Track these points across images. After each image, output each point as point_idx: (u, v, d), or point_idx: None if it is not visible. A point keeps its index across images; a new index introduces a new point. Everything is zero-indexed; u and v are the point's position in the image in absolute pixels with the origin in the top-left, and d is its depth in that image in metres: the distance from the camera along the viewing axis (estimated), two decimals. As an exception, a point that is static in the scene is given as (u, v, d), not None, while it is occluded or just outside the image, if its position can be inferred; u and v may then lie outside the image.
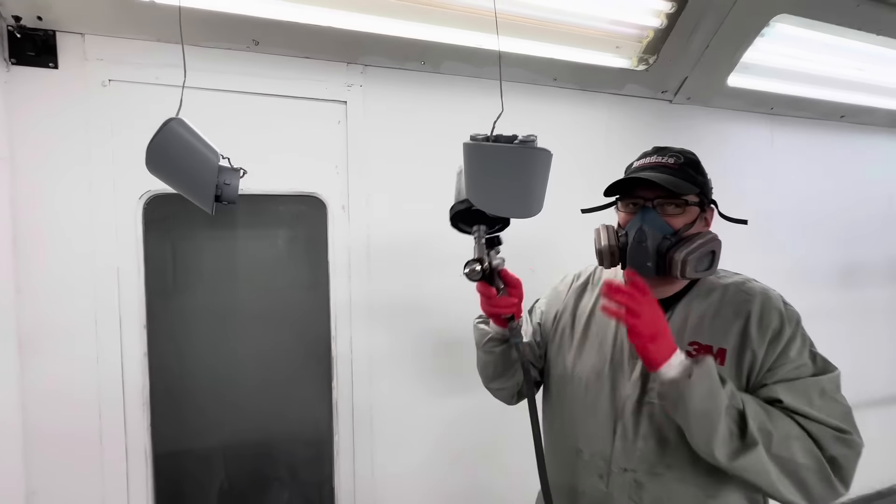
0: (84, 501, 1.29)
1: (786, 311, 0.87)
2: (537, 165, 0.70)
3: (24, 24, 1.17)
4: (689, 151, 0.98)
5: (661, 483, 0.87)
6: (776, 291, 0.92)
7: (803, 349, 0.85)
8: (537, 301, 1.19)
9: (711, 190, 0.98)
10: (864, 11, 1.77)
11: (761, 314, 0.87)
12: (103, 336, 1.29)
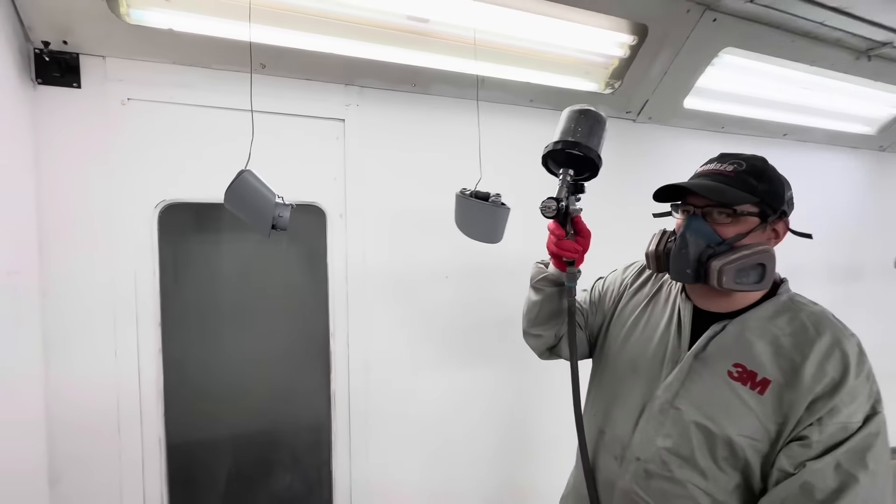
0: (103, 487, 1.40)
1: (856, 361, 0.78)
2: (500, 216, 1.00)
3: (52, 47, 1.28)
4: (758, 158, 0.94)
5: (668, 481, 0.88)
6: (857, 337, 0.83)
7: (858, 411, 0.76)
8: (599, 279, 1.21)
9: (787, 201, 0.92)
10: (799, 46, 2.03)
11: (824, 353, 0.80)
12: (121, 333, 1.40)
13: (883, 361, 2.38)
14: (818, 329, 0.83)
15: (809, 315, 0.86)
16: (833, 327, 0.84)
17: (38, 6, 1.21)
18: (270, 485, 1.65)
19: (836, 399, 0.76)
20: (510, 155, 1.86)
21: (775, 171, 0.94)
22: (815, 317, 0.86)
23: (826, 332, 0.82)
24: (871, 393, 0.78)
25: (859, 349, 0.81)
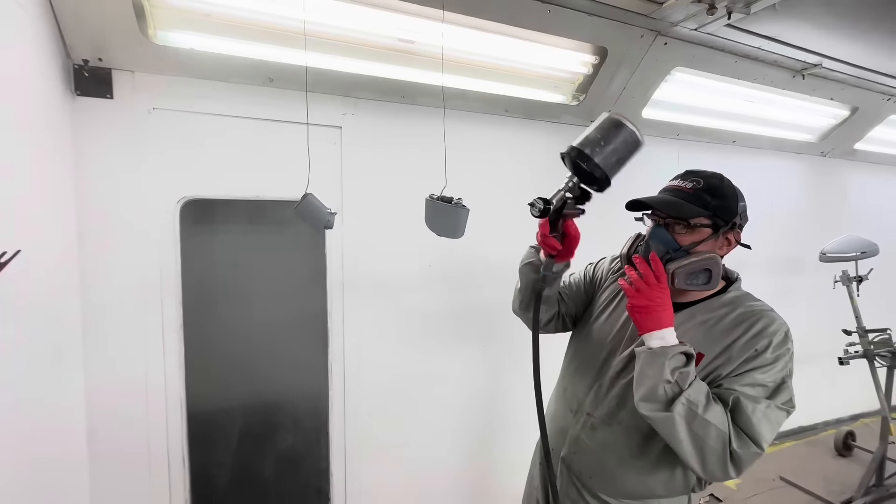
0: (133, 443, 1.64)
1: (778, 342, 0.94)
2: (461, 215, 1.17)
3: (89, 64, 1.48)
4: (715, 176, 1.05)
5: (611, 431, 1.08)
6: (787, 326, 0.98)
7: (774, 376, 0.93)
8: (589, 264, 1.34)
9: (739, 213, 1.03)
10: (741, 66, 2.32)
11: (753, 336, 0.95)
12: (149, 311, 1.63)
13: (813, 339, 2.73)
14: (753, 318, 0.98)
15: (748, 307, 1.01)
16: (766, 318, 0.98)
17: (79, 29, 1.41)
18: (275, 444, 1.90)
19: (755, 364, 0.93)
20: (486, 157, 2.12)
21: (731, 186, 1.05)
22: (753, 309, 1.00)
23: (759, 321, 0.97)
24: (784, 369, 0.95)
25: (784, 336, 0.96)
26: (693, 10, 1.81)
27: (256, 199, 1.78)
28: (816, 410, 3.51)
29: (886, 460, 2.65)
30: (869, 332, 2.57)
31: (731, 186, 1.05)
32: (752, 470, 2.90)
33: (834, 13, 1.86)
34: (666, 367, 0.91)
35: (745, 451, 0.90)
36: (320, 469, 1.94)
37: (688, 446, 0.90)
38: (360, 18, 1.64)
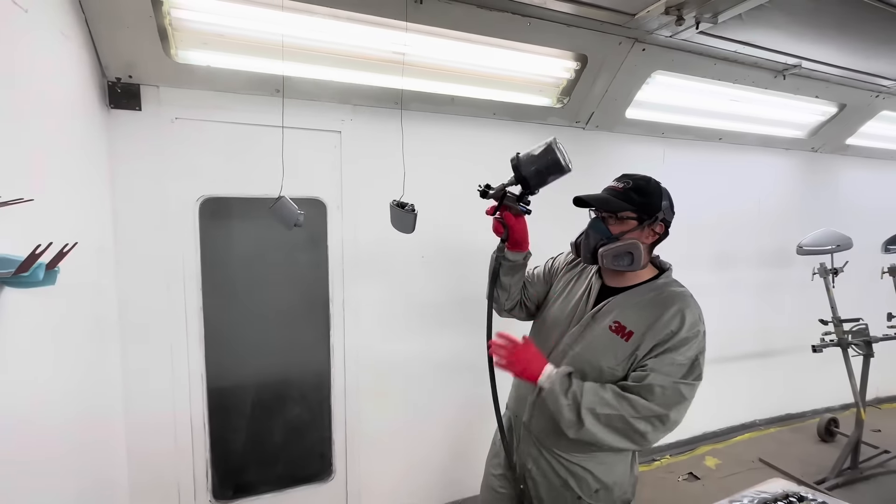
0: (161, 409, 1.89)
1: (690, 323, 1.14)
2: (409, 217, 1.42)
3: (121, 81, 1.71)
4: (643, 178, 1.24)
5: (554, 434, 1.27)
6: (699, 310, 1.19)
7: (686, 353, 1.13)
8: (550, 259, 1.53)
9: (664, 209, 1.21)
10: (721, 68, 2.43)
11: (671, 317, 1.14)
12: (173, 295, 1.87)
13: (800, 330, 2.84)
14: (672, 301, 1.18)
15: (670, 293, 1.21)
16: (682, 302, 1.18)
17: (112, 51, 1.63)
18: (284, 414, 2.14)
19: (670, 344, 1.14)
20: (476, 157, 2.29)
21: (657, 187, 1.24)
22: (674, 294, 1.21)
23: (676, 303, 1.17)
24: (695, 347, 1.15)
25: (696, 318, 1.17)
26: (664, 21, 1.95)
27: (265, 197, 2.00)
28: (803, 399, 3.63)
29: (861, 444, 2.78)
30: (844, 322, 2.68)
31: (658, 188, 1.25)
32: (734, 452, 3.06)
33: (798, 22, 1.98)
34: (560, 396, 1.14)
35: (659, 421, 1.13)
36: (323, 437, 2.18)
37: (612, 438, 1.14)
38: (357, 34, 1.83)
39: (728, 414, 3.31)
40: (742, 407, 3.37)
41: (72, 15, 1.42)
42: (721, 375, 3.24)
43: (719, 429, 3.27)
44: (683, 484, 2.70)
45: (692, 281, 3.23)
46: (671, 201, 1.26)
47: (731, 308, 3.21)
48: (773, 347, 3.41)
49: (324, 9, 1.70)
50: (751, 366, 3.35)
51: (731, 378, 3.26)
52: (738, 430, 3.34)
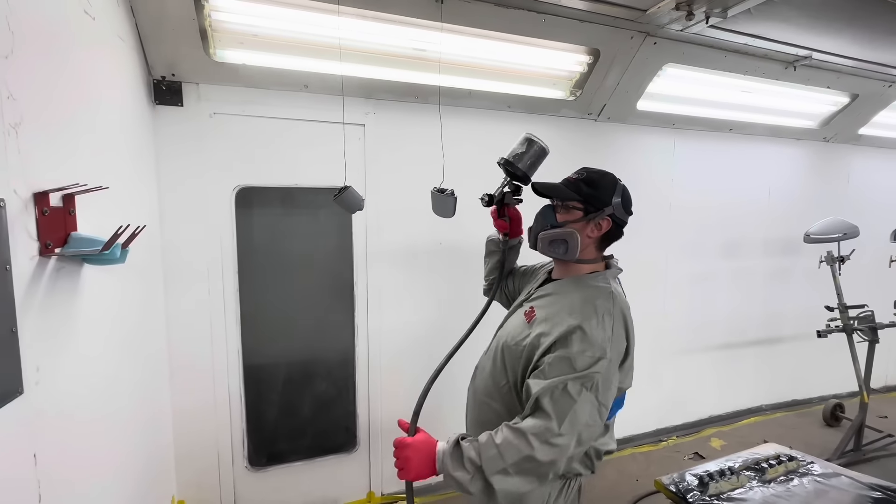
0: (202, 381, 2.06)
1: (588, 325, 1.05)
2: (449, 202, 1.46)
3: (166, 79, 1.85)
4: (597, 172, 1.22)
5: (480, 408, 1.29)
6: (616, 309, 1.10)
7: (583, 353, 1.02)
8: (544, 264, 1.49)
9: (613, 206, 1.17)
10: (732, 60, 2.49)
11: (577, 310, 1.08)
12: (212, 277, 2.03)
13: (809, 318, 2.92)
14: (588, 297, 1.12)
15: (592, 287, 1.15)
16: (599, 297, 1.11)
17: (158, 52, 1.77)
18: (312, 389, 2.30)
19: (562, 342, 1.05)
20: (493, 149, 2.39)
21: (611, 183, 1.20)
22: (594, 289, 1.14)
23: (591, 299, 1.10)
24: (603, 342, 1.05)
25: (608, 315, 1.08)
26: (675, 16, 2.02)
27: (295, 187, 2.14)
28: (810, 385, 3.70)
29: (865, 427, 2.86)
30: (849, 309, 2.75)
31: (612, 183, 1.21)
32: (739, 434, 3.17)
33: (807, 15, 2.04)
34: (460, 474, 1.01)
35: (545, 451, 1.00)
36: (348, 411, 2.34)
37: (528, 484, 1.02)
38: (379, 32, 1.95)
39: (734, 398, 3.41)
40: (748, 392, 3.46)
41: (126, 20, 1.56)
42: (728, 361, 3.34)
43: (725, 412, 3.37)
44: (689, 462, 2.82)
45: (701, 268, 3.34)
46: (627, 200, 1.22)
47: (739, 295, 3.29)
48: (781, 334, 3.48)
49: (350, 9, 1.81)
50: (758, 352, 3.43)
51: (737, 363, 3.36)
52: (743, 414, 3.43)
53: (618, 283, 1.23)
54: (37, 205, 0.92)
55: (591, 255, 1.23)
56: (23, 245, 0.87)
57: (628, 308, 1.16)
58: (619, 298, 1.15)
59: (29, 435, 0.87)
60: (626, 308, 1.15)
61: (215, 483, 2.13)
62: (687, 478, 1.66)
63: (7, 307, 0.81)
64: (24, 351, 0.85)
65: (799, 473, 1.63)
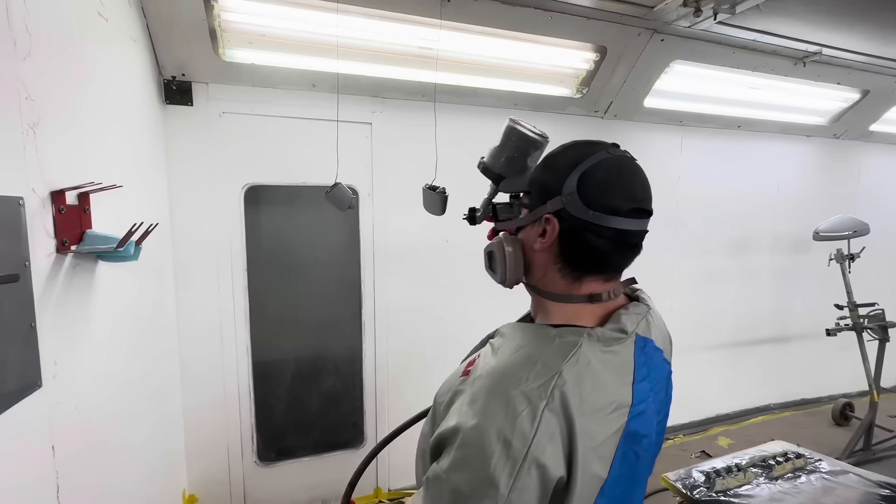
0: (212, 376, 2.09)
1: (479, 432, 0.59)
2: (437, 200, 1.41)
3: (176, 79, 1.88)
4: (561, 147, 0.79)
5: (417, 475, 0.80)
6: (539, 413, 0.58)
7: (444, 480, 0.59)
8: None
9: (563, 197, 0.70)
10: (740, 56, 2.48)
11: (474, 401, 0.63)
12: (221, 274, 2.06)
13: (819, 316, 2.90)
14: (514, 370, 0.64)
15: (539, 350, 0.66)
16: (533, 375, 0.62)
17: (168, 52, 1.80)
18: (319, 385, 2.33)
19: (451, 448, 0.61)
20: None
21: (569, 159, 0.72)
22: (539, 353, 0.65)
23: (514, 377, 0.63)
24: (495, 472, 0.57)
25: (529, 419, 0.58)
26: (683, 12, 2.01)
27: (303, 185, 2.16)
28: (819, 384, 3.67)
29: (874, 427, 2.83)
30: (859, 307, 2.72)
31: (569, 160, 0.72)
32: (747, 433, 3.15)
33: (817, 10, 2.02)
34: None
35: None
36: (355, 407, 2.36)
37: None
38: (386, 31, 1.96)
39: (742, 397, 3.39)
40: (756, 390, 3.44)
41: (138, 21, 1.58)
42: (735, 359, 3.32)
43: (733, 411, 3.35)
44: (696, 460, 2.81)
45: (709, 266, 3.33)
46: (594, 186, 0.69)
47: (747, 292, 3.27)
48: (790, 332, 3.46)
49: (358, 8, 1.82)
50: (766, 350, 3.41)
51: (745, 361, 3.34)
52: (751, 413, 3.41)
53: (621, 353, 0.67)
54: (54, 203, 0.94)
55: (553, 285, 0.75)
56: (41, 242, 0.90)
57: (616, 408, 0.64)
58: (587, 387, 0.62)
59: (47, 427, 0.90)
60: (596, 409, 0.62)
61: (225, 477, 2.16)
62: (694, 474, 1.66)
63: (26, 303, 0.84)
64: (43, 345, 0.88)
65: (806, 470, 1.63)
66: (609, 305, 0.74)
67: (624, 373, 0.67)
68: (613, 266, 0.74)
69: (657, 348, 0.73)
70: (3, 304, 0.77)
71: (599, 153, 0.71)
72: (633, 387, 0.67)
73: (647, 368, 0.70)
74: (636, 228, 0.71)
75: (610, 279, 0.75)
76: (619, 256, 0.73)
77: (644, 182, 0.73)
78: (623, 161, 0.73)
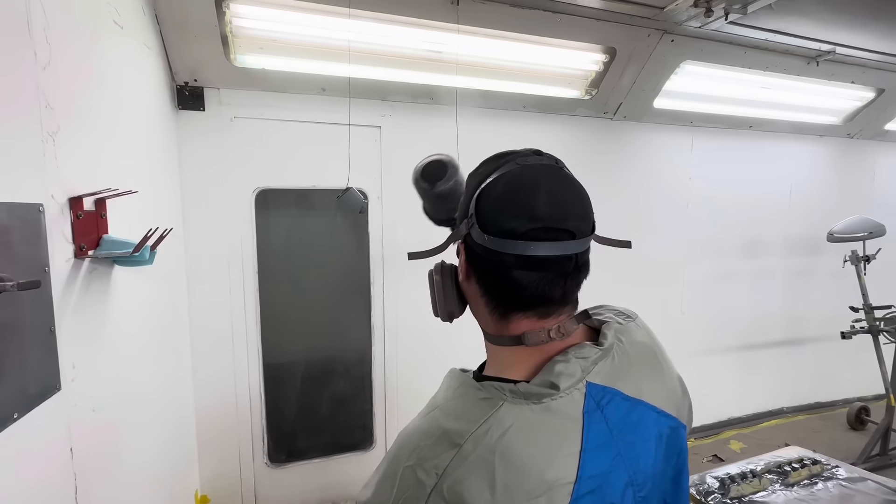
0: (223, 376, 2.11)
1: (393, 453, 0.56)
2: None
3: (188, 85, 1.90)
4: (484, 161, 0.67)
5: None
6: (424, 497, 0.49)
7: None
8: None
9: (468, 217, 0.61)
10: (752, 56, 2.45)
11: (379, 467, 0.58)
12: (232, 276, 2.07)
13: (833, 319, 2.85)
14: (415, 438, 0.56)
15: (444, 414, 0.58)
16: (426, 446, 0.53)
17: (181, 58, 1.82)
18: (329, 387, 2.34)
19: None
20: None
21: (476, 177, 0.63)
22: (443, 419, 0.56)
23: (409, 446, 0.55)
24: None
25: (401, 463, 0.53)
26: (693, 13, 2.00)
27: (313, 188, 2.18)
28: (834, 387, 3.61)
29: (892, 431, 2.78)
30: (875, 309, 2.68)
31: (476, 178, 0.63)
32: (760, 437, 3.11)
33: (830, 9, 1.99)
34: None
35: None
36: (364, 409, 2.37)
37: None
38: (395, 35, 1.96)
39: (754, 400, 3.35)
40: (769, 393, 3.39)
41: (151, 29, 1.61)
42: (748, 362, 3.28)
43: (745, 415, 3.31)
44: (707, 464, 2.78)
45: (720, 267, 3.30)
46: (485, 204, 0.59)
47: (760, 294, 3.23)
48: (803, 335, 3.41)
49: (368, 13, 1.84)
50: (779, 353, 3.36)
51: (758, 364, 3.29)
52: (764, 417, 3.36)
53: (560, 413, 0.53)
54: (72, 209, 0.96)
55: (485, 322, 0.67)
56: (59, 248, 0.91)
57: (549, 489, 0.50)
58: (500, 465, 0.49)
59: (66, 429, 0.91)
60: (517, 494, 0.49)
61: (236, 478, 2.18)
62: (707, 480, 1.64)
63: (46, 308, 0.85)
64: (62, 349, 0.89)
65: (823, 477, 1.60)
66: (548, 349, 0.58)
67: (565, 439, 0.52)
68: (539, 300, 0.58)
69: (631, 400, 0.57)
70: (25, 309, 0.79)
71: (506, 166, 0.59)
72: (581, 456, 0.51)
73: (606, 428, 0.54)
74: (545, 254, 0.55)
75: (546, 316, 0.59)
76: (541, 287, 0.57)
77: (559, 195, 0.57)
78: (528, 171, 0.58)
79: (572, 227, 0.57)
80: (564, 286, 0.58)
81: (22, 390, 0.78)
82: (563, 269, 0.57)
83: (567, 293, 0.60)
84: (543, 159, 0.61)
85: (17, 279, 0.68)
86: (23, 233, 0.79)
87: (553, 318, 0.60)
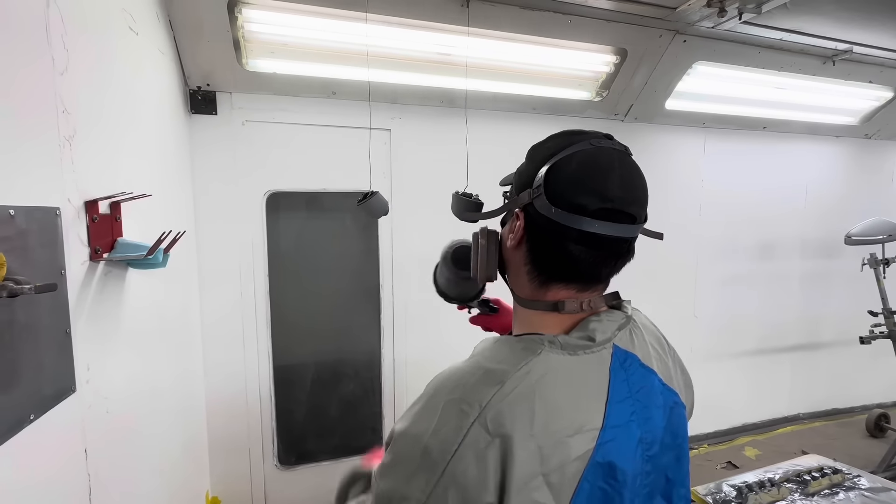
0: (233, 379, 2.12)
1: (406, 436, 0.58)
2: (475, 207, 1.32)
3: (201, 89, 1.92)
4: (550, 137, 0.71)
5: None
6: (464, 423, 0.53)
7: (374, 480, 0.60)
8: None
9: (535, 186, 0.64)
10: (766, 56, 2.41)
11: (413, 406, 0.62)
12: (244, 280, 2.09)
13: (852, 323, 2.79)
14: (461, 375, 0.60)
15: (488, 357, 0.61)
16: (471, 382, 0.57)
17: (194, 62, 1.84)
18: (339, 390, 2.34)
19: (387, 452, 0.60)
20: (517, 151, 2.39)
21: (546, 150, 0.65)
22: (488, 360, 0.60)
23: (453, 380, 0.60)
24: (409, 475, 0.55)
25: (454, 427, 0.54)
26: (706, 13, 1.97)
27: (324, 191, 2.19)
28: (852, 393, 3.53)
29: (913, 439, 2.71)
30: (895, 314, 2.61)
31: (546, 151, 0.65)
32: (775, 443, 3.05)
33: (846, 7, 1.95)
34: None
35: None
36: (374, 412, 2.37)
37: None
38: (406, 38, 1.97)
39: (769, 406, 3.28)
40: (784, 399, 3.32)
41: (165, 34, 1.63)
42: (763, 366, 3.22)
43: (760, 420, 3.25)
44: (721, 471, 2.73)
45: (734, 270, 3.25)
46: (565, 178, 0.61)
47: (775, 298, 3.17)
48: (820, 340, 3.34)
49: (378, 16, 1.84)
50: (795, 357, 3.29)
51: (773, 369, 3.23)
52: (780, 423, 3.30)
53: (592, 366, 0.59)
54: (88, 212, 0.97)
55: (522, 288, 0.69)
56: (75, 251, 0.92)
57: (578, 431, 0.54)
58: (538, 402, 0.54)
59: (81, 431, 0.92)
60: (550, 429, 0.53)
61: (247, 480, 2.18)
62: (724, 488, 1.60)
63: (62, 310, 0.86)
64: (77, 351, 0.90)
65: (844, 487, 1.56)
66: (577, 317, 0.64)
67: (595, 389, 0.57)
68: (586, 275, 0.64)
69: (645, 367, 0.63)
70: (41, 311, 0.79)
71: (579, 144, 0.62)
72: (607, 407, 0.56)
73: (627, 387, 0.59)
74: (608, 234, 0.59)
75: (584, 290, 0.65)
76: (593, 264, 0.62)
77: (629, 181, 0.62)
78: (603, 154, 0.62)
79: (635, 212, 0.62)
80: (612, 266, 0.65)
81: (38, 392, 0.78)
82: (617, 250, 0.63)
83: (610, 273, 0.66)
84: (615, 144, 0.65)
85: (34, 282, 0.69)
86: (40, 236, 0.79)
87: (589, 292, 0.66)
